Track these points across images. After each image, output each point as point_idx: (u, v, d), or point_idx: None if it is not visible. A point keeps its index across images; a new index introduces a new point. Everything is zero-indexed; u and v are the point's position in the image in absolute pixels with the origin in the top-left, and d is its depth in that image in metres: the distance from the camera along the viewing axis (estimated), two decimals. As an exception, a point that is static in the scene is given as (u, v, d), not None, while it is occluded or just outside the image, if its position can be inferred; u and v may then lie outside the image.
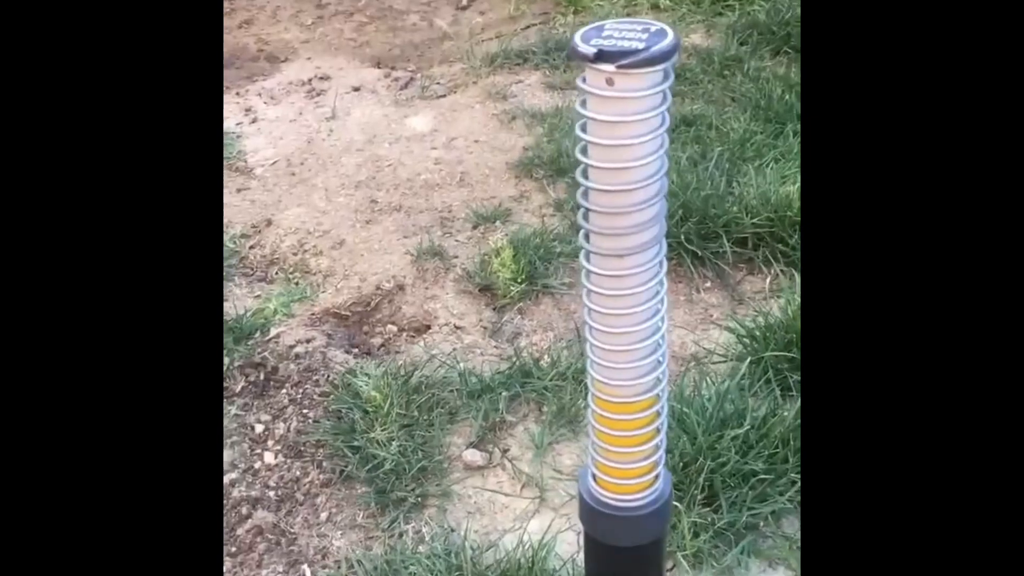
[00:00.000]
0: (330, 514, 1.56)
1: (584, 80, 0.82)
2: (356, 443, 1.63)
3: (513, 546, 1.43)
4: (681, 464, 1.50)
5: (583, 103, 0.82)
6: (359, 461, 1.61)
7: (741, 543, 1.43)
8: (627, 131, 0.82)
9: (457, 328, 1.97)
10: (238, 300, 2.09)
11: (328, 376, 1.83)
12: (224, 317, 2.00)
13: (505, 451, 1.64)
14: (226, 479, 1.62)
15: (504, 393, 1.71)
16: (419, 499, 1.55)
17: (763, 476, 1.48)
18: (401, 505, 1.54)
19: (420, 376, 1.76)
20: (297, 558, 1.49)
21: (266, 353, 1.90)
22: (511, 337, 1.95)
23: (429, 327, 1.99)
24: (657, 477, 1.02)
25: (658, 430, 0.99)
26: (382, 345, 1.97)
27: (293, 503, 1.58)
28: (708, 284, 2.11)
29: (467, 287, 2.06)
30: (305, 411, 1.76)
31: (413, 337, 1.99)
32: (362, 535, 1.52)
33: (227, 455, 1.67)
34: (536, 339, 1.94)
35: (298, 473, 1.63)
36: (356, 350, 1.95)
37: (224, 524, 1.54)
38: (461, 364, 1.82)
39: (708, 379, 1.72)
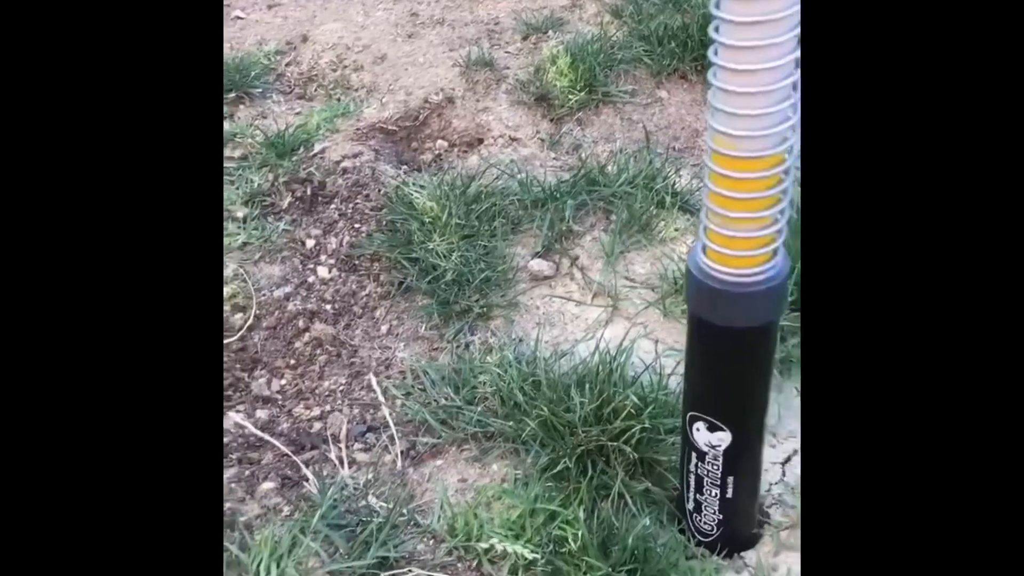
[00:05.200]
0: (391, 326, 1.48)
1: None
2: (414, 255, 1.54)
3: (589, 353, 1.34)
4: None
5: None
6: (418, 273, 1.51)
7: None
8: None
9: (513, 140, 1.84)
10: (278, 117, 1.97)
11: (379, 190, 1.72)
12: (264, 133, 1.88)
13: (575, 259, 1.53)
14: (280, 292, 1.53)
15: (570, 201, 1.59)
16: (484, 310, 1.46)
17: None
18: (465, 316, 1.45)
19: (478, 186, 1.64)
20: (360, 369, 1.41)
21: (312, 168, 1.78)
22: (571, 148, 1.82)
23: (482, 140, 1.86)
24: (776, 252, 0.91)
25: (782, 195, 0.87)
26: (433, 160, 1.85)
27: (351, 316, 1.50)
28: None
29: (521, 98, 1.92)
30: (357, 225, 1.66)
31: (465, 151, 1.86)
32: (426, 346, 1.44)
33: (278, 270, 1.58)
34: (598, 150, 1.81)
35: (354, 287, 1.55)
36: (406, 167, 1.84)
37: (281, 338, 1.47)
38: (520, 174, 1.70)
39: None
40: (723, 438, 1.04)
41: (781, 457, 1.27)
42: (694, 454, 1.07)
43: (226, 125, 1.93)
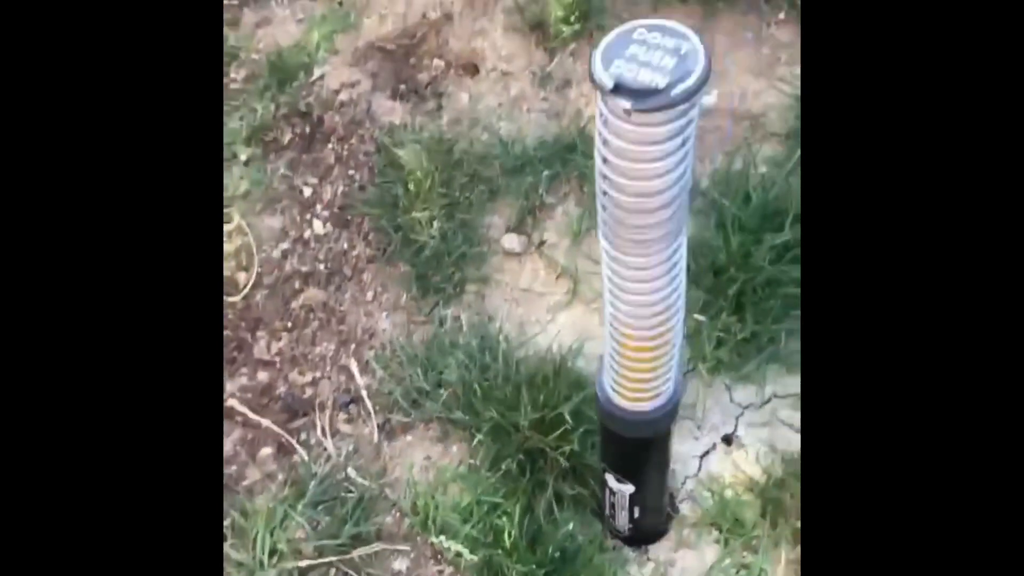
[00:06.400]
0: (375, 293, 1.65)
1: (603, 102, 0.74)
2: (399, 221, 1.68)
3: (545, 346, 1.52)
4: (712, 273, 1.53)
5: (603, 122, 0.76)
6: (401, 241, 1.66)
7: (763, 353, 1.50)
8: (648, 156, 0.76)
9: (505, 74, 1.89)
10: (280, 24, 2.02)
11: (372, 133, 1.82)
12: (267, 48, 1.95)
13: (542, 239, 1.67)
14: (279, 250, 1.70)
15: (545, 172, 1.69)
16: (458, 286, 1.63)
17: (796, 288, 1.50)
18: (441, 291, 1.62)
19: (460, 151, 1.74)
20: (347, 337, 1.61)
21: (311, 99, 1.87)
22: (561, 86, 1.88)
23: (478, 70, 1.92)
24: (669, 388, 1.08)
25: (672, 355, 1.02)
26: (429, 83, 1.92)
27: (342, 278, 1.67)
28: (781, 16, 1.96)
29: (517, 23, 1.94)
30: (351, 172, 1.78)
31: (460, 75, 1.92)
32: (405, 317, 1.62)
33: (278, 221, 1.74)
34: (586, 89, 1.86)
35: (345, 245, 1.70)
36: (403, 87, 1.91)
37: (280, 296, 1.66)
38: (504, 126, 1.79)
39: (757, 160, 1.68)
40: (627, 488, 1.26)
41: (700, 450, 1.49)
42: (607, 487, 1.29)
43: (229, 34, 1.99)
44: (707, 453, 1.49)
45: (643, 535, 1.39)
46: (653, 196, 0.79)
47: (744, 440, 1.47)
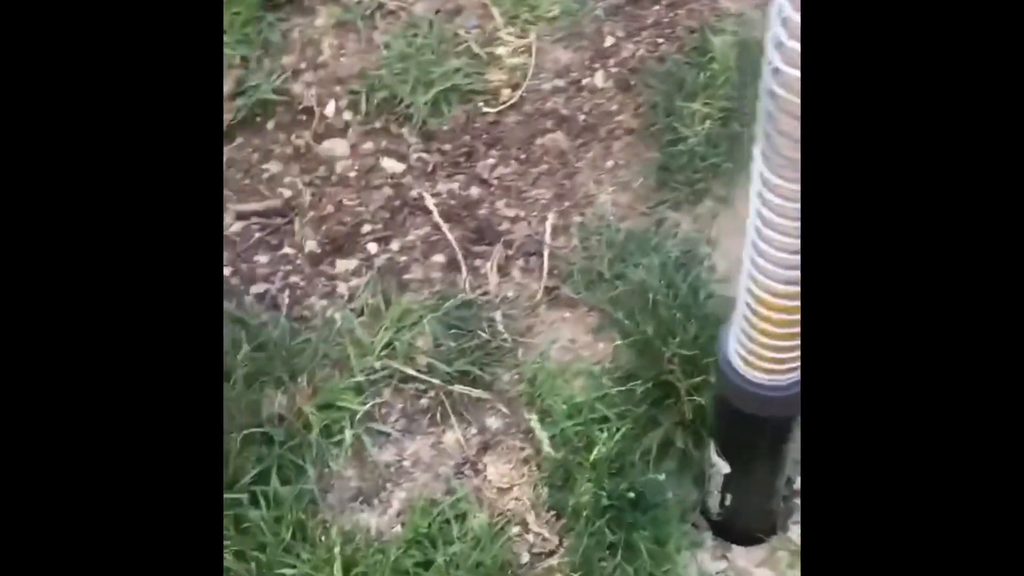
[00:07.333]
0: (615, 164, 1.55)
1: None
2: (675, 105, 1.54)
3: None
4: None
5: None
6: (666, 126, 1.53)
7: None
8: None
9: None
10: None
11: (703, 12, 1.66)
12: None
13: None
14: (551, 84, 1.63)
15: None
16: (696, 196, 1.48)
17: None
18: (676, 192, 1.49)
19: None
20: (565, 193, 1.53)
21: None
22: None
23: None
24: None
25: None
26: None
27: (592, 136, 1.58)
28: None
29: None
30: (660, 40, 1.66)
31: None
32: (628, 199, 1.51)
33: (566, 56, 1.66)
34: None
35: (614, 107, 1.60)
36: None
37: (527, 127, 1.60)
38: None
39: None
40: (723, 467, 1.10)
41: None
42: (708, 458, 1.14)
43: None
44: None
45: (733, 530, 1.23)
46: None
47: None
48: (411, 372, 1.36)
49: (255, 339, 1.37)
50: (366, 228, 1.51)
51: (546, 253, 1.47)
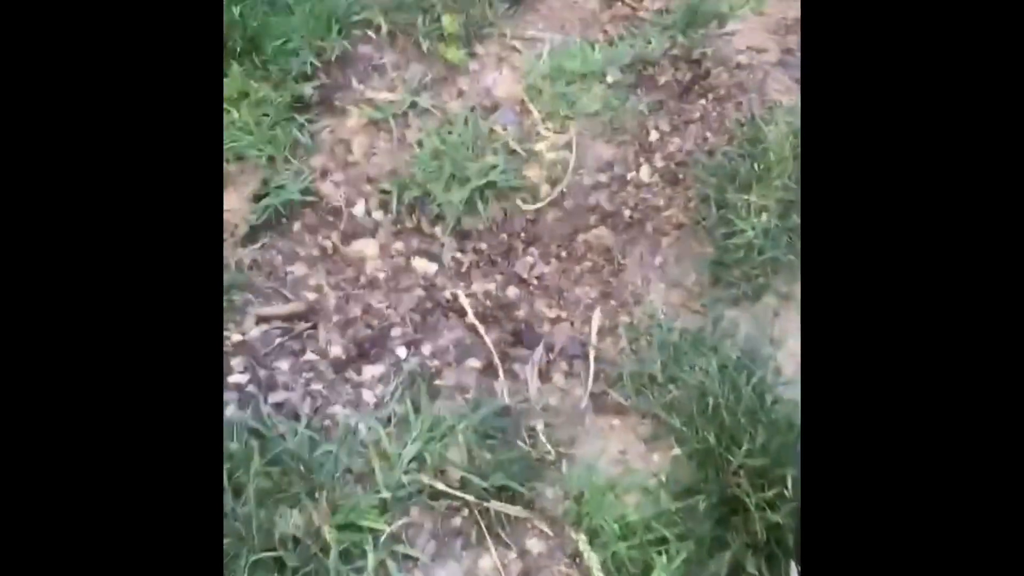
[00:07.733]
0: (664, 260, 1.43)
1: None
2: (727, 198, 1.43)
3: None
4: None
5: None
6: (719, 220, 1.42)
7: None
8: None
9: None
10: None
11: (753, 105, 1.57)
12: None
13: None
14: (593, 179, 1.54)
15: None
16: (757, 292, 1.35)
17: None
18: (733, 288, 1.36)
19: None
20: (611, 292, 1.41)
21: (709, 50, 1.67)
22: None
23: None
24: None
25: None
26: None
27: (639, 232, 1.48)
28: None
29: None
30: (708, 134, 1.56)
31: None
32: (680, 299, 1.38)
33: (609, 152, 1.57)
34: None
35: (661, 202, 1.50)
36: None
37: (569, 224, 1.49)
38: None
39: None
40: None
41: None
42: (789, 584, 0.97)
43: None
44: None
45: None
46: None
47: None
48: (442, 487, 1.21)
49: (270, 451, 1.24)
50: (395, 332, 1.40)
51: (591, 356, 1.34)
